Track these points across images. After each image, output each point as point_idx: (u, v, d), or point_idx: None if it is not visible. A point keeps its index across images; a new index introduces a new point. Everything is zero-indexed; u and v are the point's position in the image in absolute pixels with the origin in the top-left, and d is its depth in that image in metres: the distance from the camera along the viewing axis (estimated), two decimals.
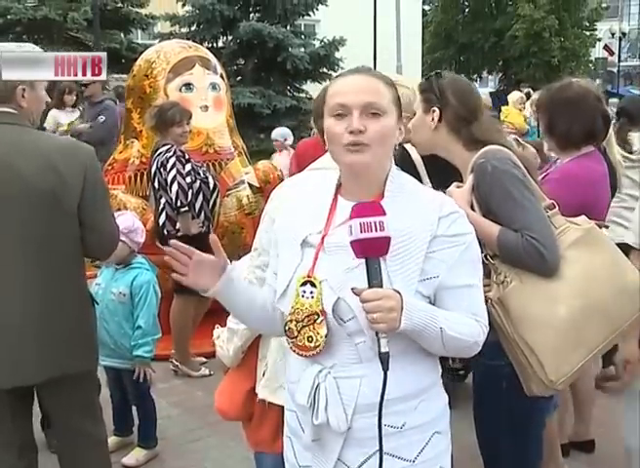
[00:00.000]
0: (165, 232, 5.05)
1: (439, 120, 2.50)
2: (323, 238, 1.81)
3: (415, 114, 2.58)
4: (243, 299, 1.97)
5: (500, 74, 36.10)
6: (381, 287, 1.68)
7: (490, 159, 2.38)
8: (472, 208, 2.37)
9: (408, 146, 2.76)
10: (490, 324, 1.92)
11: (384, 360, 1.66)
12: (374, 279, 1.68)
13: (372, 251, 1.68)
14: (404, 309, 1.68)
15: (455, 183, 2.48)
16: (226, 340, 2.58)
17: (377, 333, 1.67)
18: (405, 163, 2.56)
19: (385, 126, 1.78)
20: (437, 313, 1.77)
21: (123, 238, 3.70)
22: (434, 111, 2.50)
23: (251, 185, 5.96)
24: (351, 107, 1.76)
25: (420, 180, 2.66)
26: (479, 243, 1.90)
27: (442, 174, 2.59)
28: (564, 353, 2.29)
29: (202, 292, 1.92)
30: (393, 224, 1.69)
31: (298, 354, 1.83)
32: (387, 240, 1.67)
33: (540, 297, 2.29)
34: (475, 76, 35.16)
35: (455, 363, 2.48)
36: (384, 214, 1.67)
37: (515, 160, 2.40)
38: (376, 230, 1.65)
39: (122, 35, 20.08)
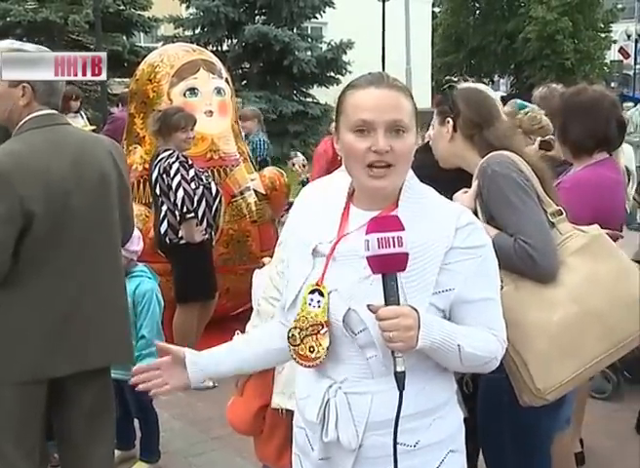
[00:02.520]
0: (167, 241, 5.07)
1: (454, 130, 2.56)
2: (334, 247, 1.81)
3: None
4: (237, 361, 2.03)
5: (512, 78, 36.13)
6: (398, 304, 1.66)
7: (490, 163, 2.42)
8: (476, 213, 2.39)
9: None
10: None
11: (400, 379, 1.64)
12: (390, 296, 1.66)
13: (389, 267, 1.66)
14: (421, 327, 1.67)
15: (463, 189, 2.51)
16: None
17: (392, 352, 1.66)
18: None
19: (409, 143, 1.78)
20: (455, 329, 1.76)
21: None
22: (448, 122, 2.58)
23: (257, 192, 5.97)
24: (376, 125, 1.74)
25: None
26: None
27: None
28: (554, 361, 2.28)
29: (185, 388, 2.01)
30: (408, 235, 1.68)
31: (297, 363, 1.83)
32: (406, 256, 1.65)
33: (536, 303, 2.30)
34: (487, 80, 35.16)
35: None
36: (403, 228, 1.65)
37: (519, 164, 2.42)
38: (394, 246, 1.63)
39: (124, 38, 20.14)
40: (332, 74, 20.12)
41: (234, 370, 2.07)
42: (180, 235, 5.04)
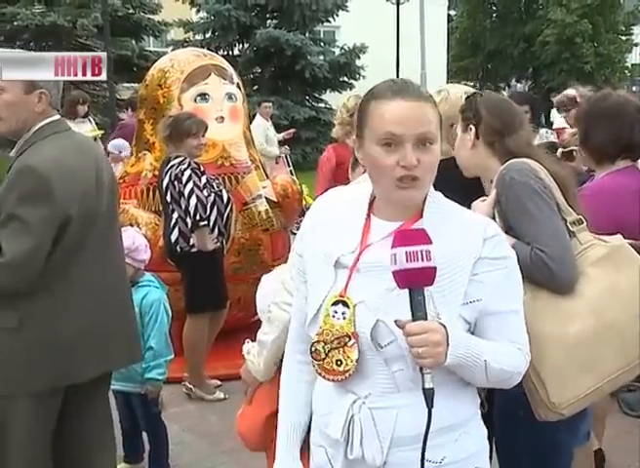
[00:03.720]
0: (178, 249, 5.08)
1: (476, 137, 2.58)
2: (357, 258, 1.80)
3: None
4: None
5: (530, 82, 36.02)
6: (426, 319, 1.66)
7: (509, 170, 2.43)
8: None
9: None
10: None
11: (429, 396, 1.64)
12: (418, 311, 1.65)
13: (417, 281, 1.65)
14: (450, 343, 1.67)
15: (482, 197, 2.52)
16: (257, 354, 2.60)
17: (421, 369, 1.65)
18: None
19: (436, 154, 1.79)
20: (482, 345, 1.77)
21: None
22: (470, 129, 2.60)
23: (268, 200, 5.99)
24: (404, 139, 1.74)
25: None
26: None
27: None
28: (570, 375, 2.27)
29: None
30: (436, 246, 1.68)
31: (324, 377, 1.81)
32: (434, 270, 1.65)
33: (552, 314, 2.29)
34: (503, 84, 35.10)
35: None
36: (431, 242, 1.65)
37: (538, 172, 2.42)
38: (422, 260, 1.63)
39: (133, 42, 20.27)
40: (345, 79, 20.16)
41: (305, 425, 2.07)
42: (191, 243, 5.05)
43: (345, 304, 1.78)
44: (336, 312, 1.78)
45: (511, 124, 2.58)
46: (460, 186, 2.36)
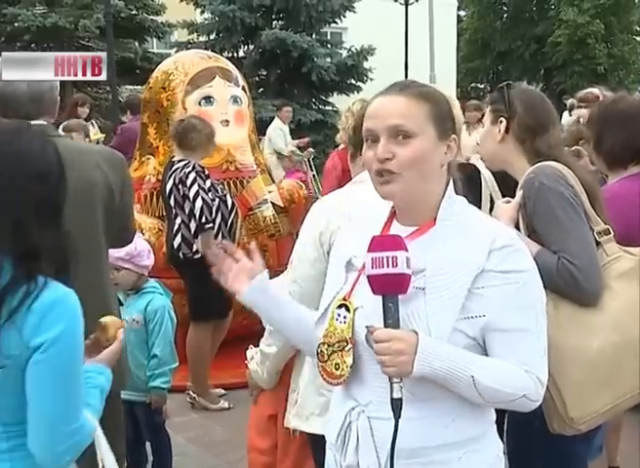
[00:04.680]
0: (181, 255, 5.08)
1: (506, 131, 2.53)
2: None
3: None
4: (285, 315, 2.00)
5: (542, 84, 36.01)
6: (398, 327, 1.67)
7: (539, 174, 2.39)
8: (518, 226, 2.37)
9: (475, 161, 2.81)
10: None
11: (397, 407, 1.65)
12: (388, 318, 1.68)
13: (388, 287, 1.68)
14: (418, 353, 1.66)
15: (506, 198, 2.49)
16: (260, 362, 2.63)
17: (390, 378, 1.66)
18: (470, 182, 2.60)
19: (417, 149, 1.75)
20: (470, 360, 1.73)
21: (126, 265, 3.76)
22: (501, 122, 2.55)
23: (274, 205, 5.99)
24: (377, 133, 1.78)
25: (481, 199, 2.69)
26: None
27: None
28: (590, 390, 2.25)
29: (234, 294, 1.99)
30: (437, 255, 1.70)
31: (324, 380, 1.82)
32: (404, 277, 1.66)
33: (575, 327, 2.27)
34: None
35: None
36: (404, 248, 1.67)
37: (568, 178, 2.39)
38: (388, 266, 1.65)
39: (136, 44, 20.30)
40: (352, 81, 20.14)
41: (280, 322, 2.04)
42: (194, 249, 5.05)
43: (348, 308, 1.80)
44: (339, 315, 1.81)
45: (545, 122, 2.53)
46: None
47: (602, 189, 3.08)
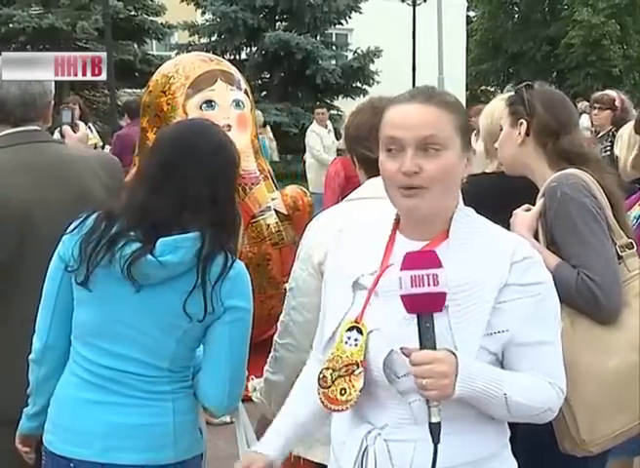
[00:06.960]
0: None
1: (526, 133, 2.49)
2: (377, 280, 1.78)
3: None
4: (307, 428, 2.02)
5: (555, 87, 35.91)
6: (434, 347, 1.63)
7: (562, 184, 2.34)
8: (537, 236, 2.35)
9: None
10: None
11: (435, 431, 1.62)
12: (425, 339, 1.63)
13: (424, 307, 1.63)
14: (459, 374, 1.64)
15: (526, 205, 2.45)
16: (264, 392, 2.58)
17: (427, 401, 1.63)
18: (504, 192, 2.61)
19: (446, 163, 1.73)
20: (501, 377, 1.72)
21: None
22: (521, 124, 2.50)
23: (278, 213, 5.99)
24: (404, 143, 1.72)
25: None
26: None
27: None
28: (604, 412, 2.23)
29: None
30: (457, 270, 1.67)
31: (325, 406, 1.79)
32: (442, 296, 1.62)
33: (591, 345, 2.24)
34: None
35: None
36: (440, 265, 1.62)
37: (593, 189, 2.35)
38: (429, 284, 1.61)
39: (136, 46, 20.42)
40: (358, 84, 20.21)
41: (301, 435, 2.05)
42: None
43: (360, 331, 1.76)
44: (349, 338, 1.76)
45: (568, 123, 2.50)
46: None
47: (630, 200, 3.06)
